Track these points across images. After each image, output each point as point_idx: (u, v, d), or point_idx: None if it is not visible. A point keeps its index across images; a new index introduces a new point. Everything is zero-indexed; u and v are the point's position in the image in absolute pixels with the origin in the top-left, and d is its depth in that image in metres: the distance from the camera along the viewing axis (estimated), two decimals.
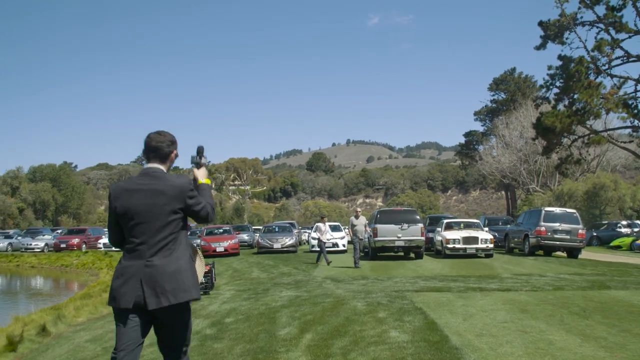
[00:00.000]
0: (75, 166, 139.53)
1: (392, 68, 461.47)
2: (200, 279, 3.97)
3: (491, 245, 23.04)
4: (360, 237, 20.33)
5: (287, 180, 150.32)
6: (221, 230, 31.29)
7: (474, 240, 23.07)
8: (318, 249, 28.13)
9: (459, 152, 79.84)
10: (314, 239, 28.76)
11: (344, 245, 28.42)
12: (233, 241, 28.11)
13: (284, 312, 9.18)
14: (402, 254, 23.55)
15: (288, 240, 28.46)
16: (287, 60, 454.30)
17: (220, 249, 27.30)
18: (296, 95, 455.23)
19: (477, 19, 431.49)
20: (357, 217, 20.30)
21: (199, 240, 28.80)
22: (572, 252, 23.35)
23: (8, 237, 43.25)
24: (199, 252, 4.11)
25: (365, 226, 20.50)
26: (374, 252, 23.09)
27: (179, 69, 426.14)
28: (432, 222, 30.15)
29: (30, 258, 35.50)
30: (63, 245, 37.50)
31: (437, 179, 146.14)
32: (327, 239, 20.48)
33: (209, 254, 27.12)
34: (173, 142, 3.91)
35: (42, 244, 39.22)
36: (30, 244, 39.60)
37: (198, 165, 4.15)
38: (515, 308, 8.88)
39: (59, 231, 43.60)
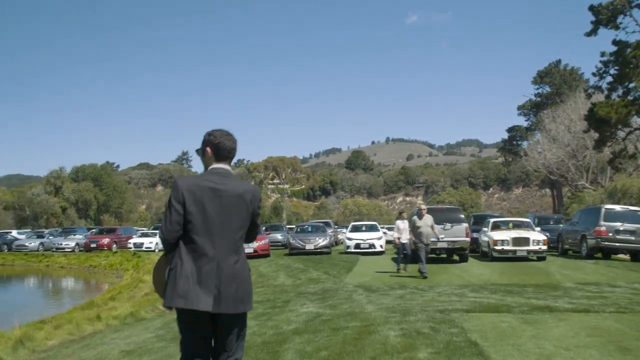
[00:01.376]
0: (117, 166, 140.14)
1: (431, 65, 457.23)
2: None
3: (544, 247, 20.44)
4: (427, 242, 16.00)
5: (326, 178, 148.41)
6: None
7: (525, 241, 20.51)
8: (356, 250, 26.03)
9: (501, 149, 76.45)
10: (349, 239, 26.52)
11: (381, 247, 26.04)
12: (263, 242, 25.95)
13: (293, 344, 6.89)
14: (444, 256, 21.07)
15: (322, 241, 26.21)
16: (327, 59, 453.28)
17: (249, 250, 25.13)
18: (336, 94, 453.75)
19: (517, 12, 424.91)
20: (421, 216, 16.03)
21: None
22: (638, 255, 20.58)
23: (40, 236, 41.97)
24: None
25: (432, 227, 16.12)
26: (414, 254, 20.74)
27: (221, 69, 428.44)
28: (476, 221, 27.48)
29: (60, 258, 34.17)
30: (93, 245, 36.01)
31: (478, 176, 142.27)
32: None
33: None
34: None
35: (72, 244, 37.71)
36: (61, 244, 38.13)
37: None
38: (608, 343, 6.34)
39: (93, 231, 42.16)
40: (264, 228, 34.25)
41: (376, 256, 24.61)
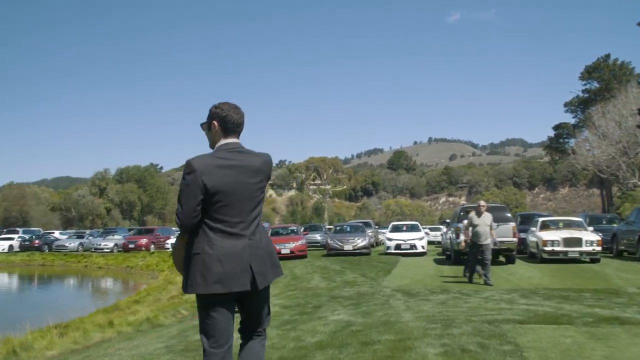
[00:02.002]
0: (161, 167, 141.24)
1: (474, 64, 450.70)
2: None
3: (598, 248, 18.83)
4: (483, 243, 13.58)
5: (368, 179, 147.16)
6: (287, 231, 28.15)
7: (577, 242, 18.97)
8: (396, 251, 24.76)
9: (547, 147, 73.99)
10: (389, 240, 25.30)
11: (423, 247, 24.75)
12: (300, 242, 24.91)
13: None
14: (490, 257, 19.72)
15: (360, 241, 25.03)
16: (369, 59, 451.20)
17: (285, 251, 24.18)
18: (378, 94, 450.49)
19: (563, 6, 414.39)
20: (479, 213, 13.93)
21: None
22: None
23: (80, 237, 41.82)
24: None
25: (490, 228, 13.82)
26: (457, 255, 19.43)
27: (263, 70, 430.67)
28: (523, 220, 25.85)
29: (99, 258, 33.76)
30: (131, 246, 35.45)
31: (523, 176, 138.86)
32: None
33: None
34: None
35: (111, 244, 37.33)
36: (100, 244, 37.88)
37: None
38: None
39: (132, 231, 41.81)
40: (302, 229, 33.25)
41: (417, 257, 23.37)
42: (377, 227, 40.60)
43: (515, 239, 18.84)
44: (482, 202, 14.42)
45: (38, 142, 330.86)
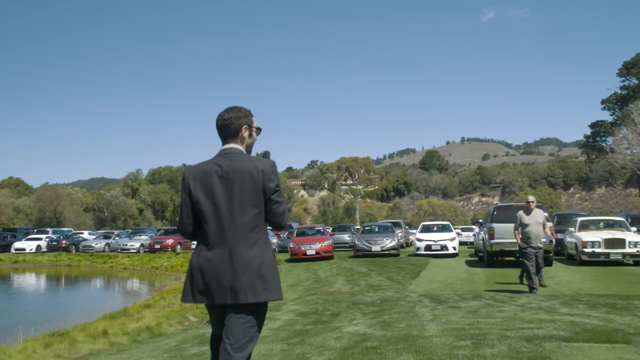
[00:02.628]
0: None
1: (508, 63, 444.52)
2: None
3: None
4: (536, 245, 11.64)
5: (400, 179, 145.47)
6: (314, 231, 27.02)
7: (620, 243, 17.58)
8: (426, 252, 23.59)
9: (584, 145, 71.52)
10: (418, 240, 24.11)
11: (454, 248, 23.51)
12: (326, 243, 23.83)
13: None
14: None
15: (389, 242, 23.87)
16: (401, 59, 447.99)
17: (311, 252, 23.19)
18: (410, 94, 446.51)
19: (598, 2, 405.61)
20: (528, 211, 11.92)
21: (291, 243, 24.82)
22: None
23: (107, 237, 41.33)
24: None
25: (544, 226, 11.84)
26: (490, 257, 18.20)
27: (297, 71, 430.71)
28: (560, 220, 24.42)
29: (124, 259, 33.05)
30: (157, 246, 34.74)
31: (558, 175, 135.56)
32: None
33: (299, 257, 23.22)
34: (243, 116, 3.30)
35: (137, 245, 36.68)
36: (126, 245, 37.24)
37: None
38: None
39: (159, 232, 41.10)
40: (330, 229, 32.18)
41: (448, 259, 22.17)
42: (407, 227, 39.34)
43: (553, 240, 17.54)
44: (530, 198, 12.26)
45: (73, 143, 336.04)
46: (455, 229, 47.34)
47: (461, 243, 37.28)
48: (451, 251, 23.32)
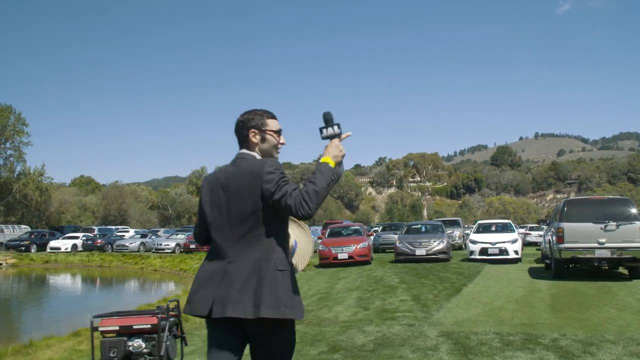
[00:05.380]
0: None
1: (584, 56, 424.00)
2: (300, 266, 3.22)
3: None
4: None
5: (470, 175, 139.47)
6: (350, 231, 22.73)
7: None
8: (481, 257, 19.33)
9: None
10: (472, 242, 19.84)
11: (516, 252, 19.04)
12: (361, 245, 19.77)
13: None
14: (606, 267, 13.76)
15: (436, 244, 19.58)
16: (474, 54, 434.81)
17: (343, 256, 19.28)
18: (482, 90, 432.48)
19: None
20: None
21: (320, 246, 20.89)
22: None
23: (144, 236, 38.51)
24: (306, 228, 3.36)
25: None
26: (559, 266, 13.82)
27: (363, 69, 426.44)
28: None
29: (156, 260, 29.93)
30: (192, 246, 31.49)
31: (639, 171, 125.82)
32: None
33: (329, 262, 19.37)
34: (252, 120, 2.97)
35: (172, 245, 33.59)
36: (161, 244, 34.18)
37: (329, 137, 2.83)
38: None
39: None
40: (372, 228, 28.09)
41: (508, 265, 17.83)
42: (466, 226, 34.72)
43: None
44: None
45: (147, 141, 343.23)
46: (523, 227, 42.31)
47: (530, 244, 32.37)
48: (512, 256, 18.87)
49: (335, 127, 2.80)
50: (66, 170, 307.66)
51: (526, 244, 32.41)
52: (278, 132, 3.00)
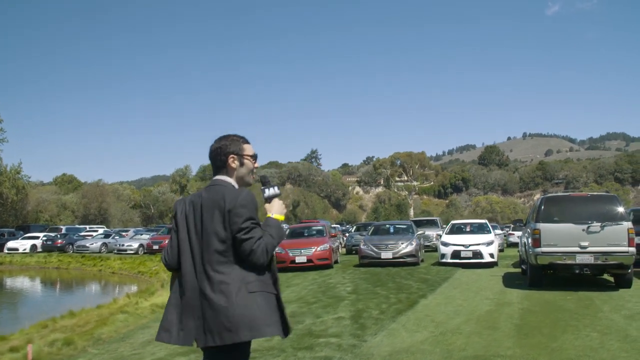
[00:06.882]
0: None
1: (573, 56, 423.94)
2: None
3: None
4: None
5: (458, 175, 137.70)
6: (312, 231, 20.49)
7: None
8: (453, 261, 17.35)
9: None
10: (444, 244, 17.90)
11: (491, 255, 17.09)
12: (321, 247, 17.68)
13: None
14: (589, 274, 11.77)
15: (404, 247, 17.54)
16: (462, 54, 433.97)
17: (301, 260, 17.25)
18: (469, 89, 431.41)
19: None
20: None
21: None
22: None
23: (107, 236, 36.11)
24: None
25: None
26: (535, 273, 11.90)
27: (355, 69, 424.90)
28: (639, 218, 17.32)
29: (115, 262, 27.81)
30: (156, 247, 29.01)
31: (626, 171, 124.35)
32: None
33: (286, 265, 17.30)
34: (229, 145, 2.97)
35: (136, 245, 31.24)
36: (123, 245, 31.86)
37: (267, 199, 3.03)
38: None
39: (162, 230, 35.34)
40: (337, 229, 25.99)
41: (482, 270, 15.91)
42: (444, 226, 32.78)
43: (633, 248, 11.06)
44: None
45: (136, 141, 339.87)
46: (507, 226, 40.42)
47: (514, 244, 30.33)
48: (487, 259, 16.91)
49: (276, 188, 3.04)
50: (51, 169, 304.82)
51: (509, 245, 30.59)
52: (254, 157, 3.04)
